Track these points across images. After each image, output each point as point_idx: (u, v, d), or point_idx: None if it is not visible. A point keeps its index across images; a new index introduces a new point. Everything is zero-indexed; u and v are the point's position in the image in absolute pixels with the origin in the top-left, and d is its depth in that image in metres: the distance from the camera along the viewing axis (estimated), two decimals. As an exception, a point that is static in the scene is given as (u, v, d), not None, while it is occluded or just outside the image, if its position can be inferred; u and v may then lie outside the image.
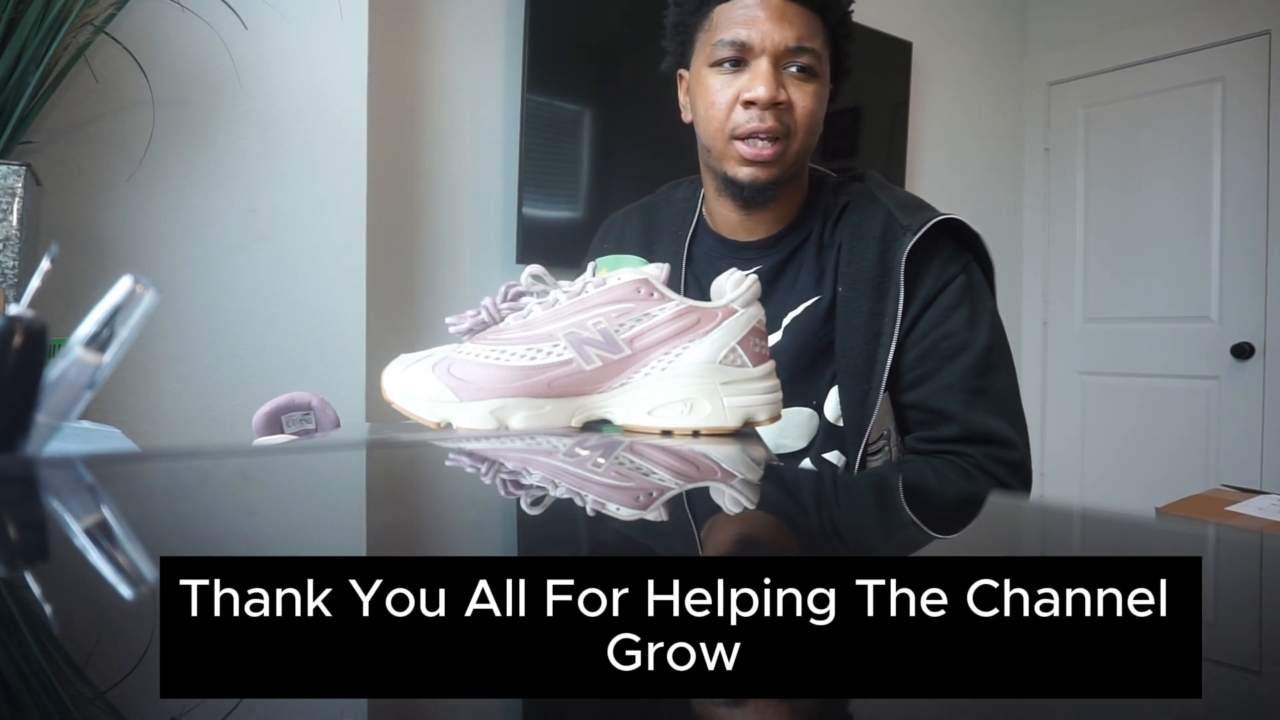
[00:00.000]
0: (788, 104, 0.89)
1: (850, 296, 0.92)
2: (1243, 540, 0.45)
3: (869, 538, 0.39)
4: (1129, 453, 3.03)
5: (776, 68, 0.89)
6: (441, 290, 1.98)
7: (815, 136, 0.94)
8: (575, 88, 2.10)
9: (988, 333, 0.91)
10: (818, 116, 0.92)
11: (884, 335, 0.90)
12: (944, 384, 0.90)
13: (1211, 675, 0.21)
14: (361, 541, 0.33)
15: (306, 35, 1.57)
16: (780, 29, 0.88)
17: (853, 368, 0.91)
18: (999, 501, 0.51)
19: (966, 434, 0.89)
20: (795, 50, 0.89)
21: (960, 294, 0.91)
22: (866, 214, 0.94)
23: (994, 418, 0.89)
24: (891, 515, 0.45)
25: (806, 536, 0.39)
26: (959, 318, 0.90)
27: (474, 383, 0.63)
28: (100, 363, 0.45)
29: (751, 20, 0.88)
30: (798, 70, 0.89)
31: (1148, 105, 3.01)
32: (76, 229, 1.40)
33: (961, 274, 0.92)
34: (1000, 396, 0.91)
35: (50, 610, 0.24)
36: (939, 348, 0.90)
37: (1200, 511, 1.37)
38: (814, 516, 0.44)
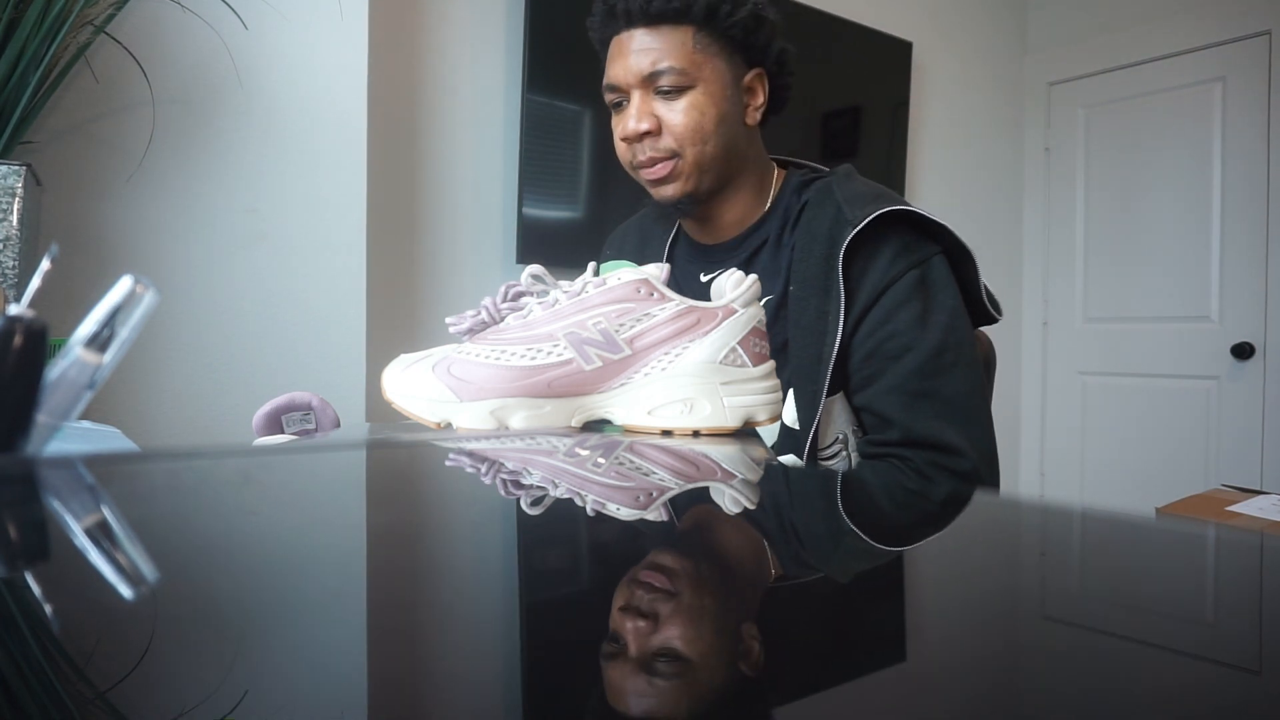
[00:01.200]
0: (657, 129, 0.92)
1: (800, 295, 0.90)
2: (1243, 540, 0.45)
3: (870, 539, 0.39)
4: (1129, 453, 3.03)
5: (647, 96, 0.92)
6: (441, 290, 1.98)
7: (714, 143, 0.92)
8: (575, 88, 2.10)
9: (939, 332, 0.87)
10: (700, 124, 0.91)
11: (829, 334, 0.87)
12: (887, 385, 0.87)
13: (1211, 675, 0.21)
14: (361, 541, 0.33)
15: (306, 35, 1.57)
16: (637, 59, 0.91)
17: (803, 368, 0.89)
18: (999, 502, 0.51)
19: (906, 439, 0.85)
20: (653, 75, 0.91)
21: (910, 290, 0.87)
22: (819, 210, 0.93)
23: (938, 422, 0.85)
24: (890, 517, 0.45)
25: (803, 541, 0.39)
26: (906, 316, 0.87)
27: (474, 383, 0.63)
28: (100, 363, 0.45)
29: (617, 59, 0.93)
30: (665, 90, 0.91)
31: (1148, 105, 3.01)
32: (76, 229, 1.40)
33: (914, 269, 0.88)
34: (950, 400, 0.86)
35: (50, 610, 0.24)
36: (883, 348, 0.87)
37: (1200, 511, 1.37)
38: (812, 517, 0.44)
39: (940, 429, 0.85)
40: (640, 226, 1.13)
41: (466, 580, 0.29)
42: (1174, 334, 2.93)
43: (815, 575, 0.32)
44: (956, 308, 0.90)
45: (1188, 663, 0.22)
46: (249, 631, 0.23)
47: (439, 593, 0.28)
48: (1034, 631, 0.25)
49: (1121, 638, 0.24)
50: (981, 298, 0.93)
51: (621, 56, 0.92)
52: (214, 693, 0.18)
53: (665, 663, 0.20)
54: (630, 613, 0.22)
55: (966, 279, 0.93)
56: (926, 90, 2.96)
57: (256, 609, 0.24)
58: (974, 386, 0.90)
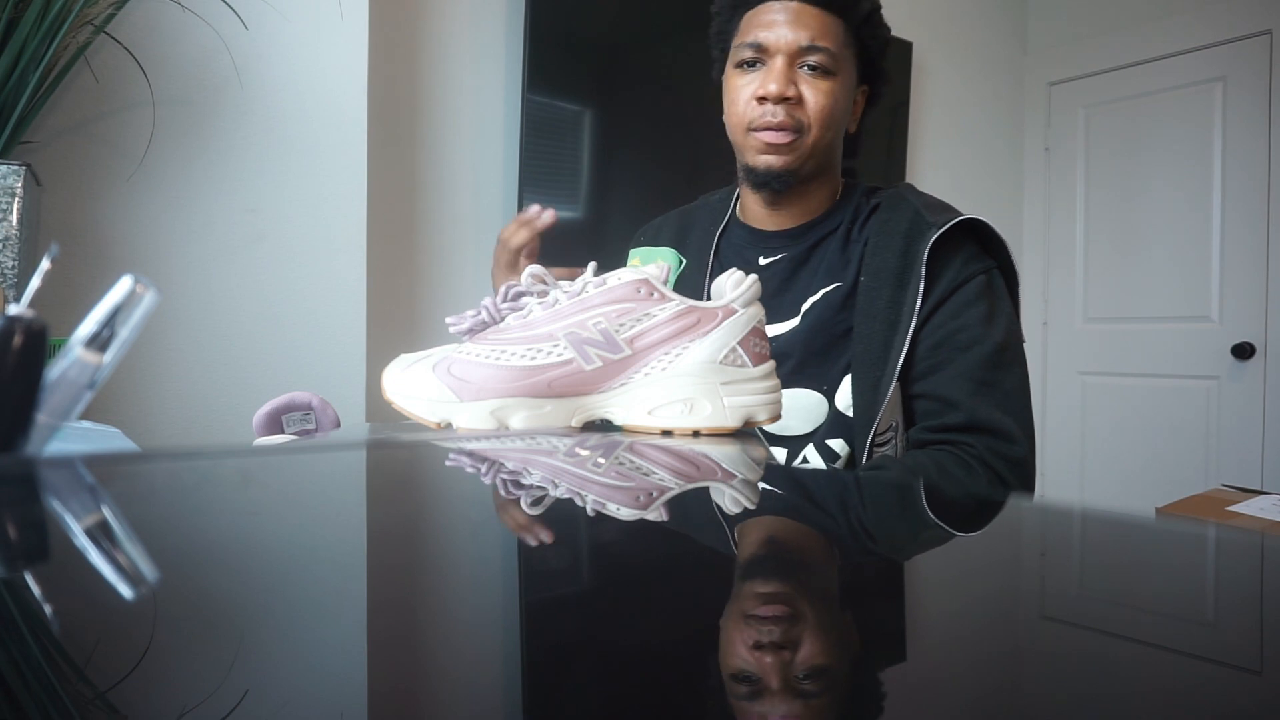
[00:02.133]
0: (798, 99, 0.95)
1: (872, 285, 0.95)
2: (1243, 540, 0.45)
3: (871, 540, 0.39)
4: (1129, 453, 3.03)
5: (791, 66, 0.95)
6: (441, 290, 1.98)
7: (834, 131, 0.98)
8: (575, 88, 2.10)
9: (1002, 332, 0.93)
10: (833, 112, 0.96)
11: (901, 323, 0.92)
12: (954, 373, 0.92)
13: (1211, 675, 0.21)
14: (361, 541, 0.33)
15: (306, 35, 1.57)
16: (794, 30, 0.94)
17: (868, 354, 0.93)
18: (997, 501, 0.51)
19: (971, 423, 0.90)
20: (808, 49, 0.94)
21: (979, 291, 0.94)
22: (895, 212, 0.98)
23: (999, 411, 0.91)
24: (893, 517, 0.45)
25: (810, 539, 0.39)
26: (975, 313, 0.93)
27: (474, 383, 0.63)
28: (100, 363, 0.45)
29: (770, 24, 0.96)
30: (811, 68, 0.95)
31: (1148, 105, 3.01)
32: (76, 229, 1.40)
33: (982, 274, 0.95)
34: (1010, 394, 0.92)
35: (50, 610, 0.24)
36: (953, 339, 0.93)
37: (1200, 511, 1.37)
38: (817, 517, 0.44)
39: (1002, 417, 0.91)
40: (680, 217, 1.16)
41: (466, 581, 0.29)
42: (1174, 334, 2.93)
43: (815, 576, 0.32)
44: (1013, 316, 0.98)
45: (1188, 663, 0.22)
46: (249, 632, 0.23)
47: (439, 593, 0.28)
48: (1034, 632, 0.25)
49: (1121, 638, 0.24)
50: (1019, 318, 1.00)
51: (775, 22, 0.95)
52: (214, 693, 0.18)
53: (809, 682, 0.20)
54: (765, 648, 0.22)
55: (1014, 297, 1.00)
56: (926, 90, 2.96)
57: (256, 609, 0.24)
58: (1027, 386, 0.96)
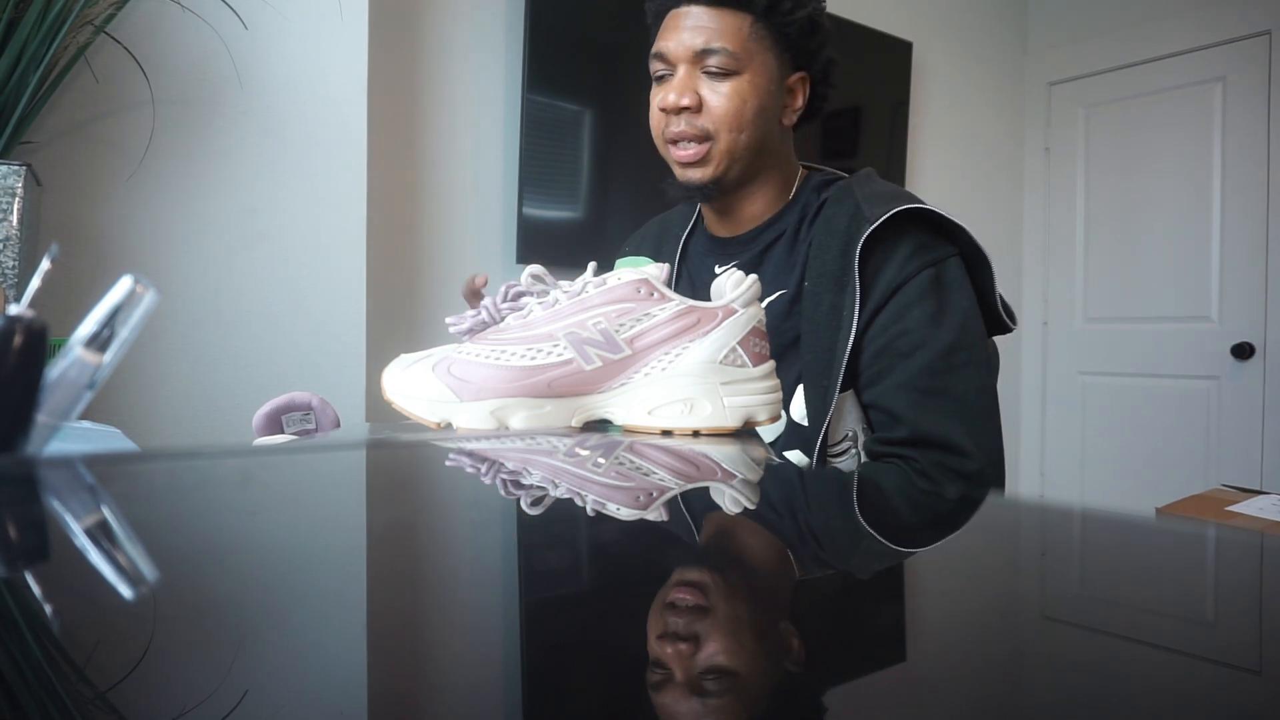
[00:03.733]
0: (697, 106, 0.92)
1: (814, 290, 0.91)
2: (1243, 540, 0.45)
3: (871, 540, 0.39)
4: (1129, 453, 3.03)
5: (693, 72, 0.93)
6: (441, 290, 1.98)
7: (749, 132, 0.93)
8: (575, 88, 2.10)
9: (951, 332, 0.87)
10: (741, 112, 0.92)
11: (842, 330, 0.88)
12: (896, 382, 0.87)
13: (1211, 675, 0.21)
14: (361, 541, 0.33)
15: (306, 35, 1.57)
16: (691, 34, 0.92)
17: (815, 363, 0.89)
18: (999, 503, 0.51)
19: (914, 437, 0.85)
20: (704, 52, 0.92)
21: (924, 289, 0.88)
22: (838, 208, 0.93)
23: (947, 421, 0.85)
24: (893, 517, 0.45)
25: (805, 542, 0.39)
26: (918, 314, 0.87)
27: (474, 383, 0.63)
28: (100, 363, 0.45)
29: (670, 32, 0.94)
30: (712, 71, 0.92)
31: (1148, 105, 3.01)
32: (76, 229, 1.40)
33: (929, 268, 0.89)
34: (961, 400, 0.87)
35: (50, 610, 0.24)
36: (894, 345, 0.88)
37: (1200, 511, 1.37)
38: (815, 518, 0.44)
39: (948, 428, 0.85)
40: (660, 223, 1.15)
41: (466, 581, 0.29)
42: (1174, 334, 2.93)
43: (816, 578, 0.32)
44: (970, 309, 0.90)
45: (1188, 663, 0.22)
46: (249, 632, 0.23)
47: (439, 593, 0.28)
48: (1034, 632, 0.25)
49: (1122, 638, 0.24)
50: (996, 305, 0.94)
51: (676, 29, 0.93)
52: (214, 693, 0.18)
53: (713, 680, 0.20)
54: (669, 638, 0.22)
55: (982, 285, 0.93)
56: (926, 90, 2.96)
57: (256, 609, 0.24)
58: (984, 387, 0.90)
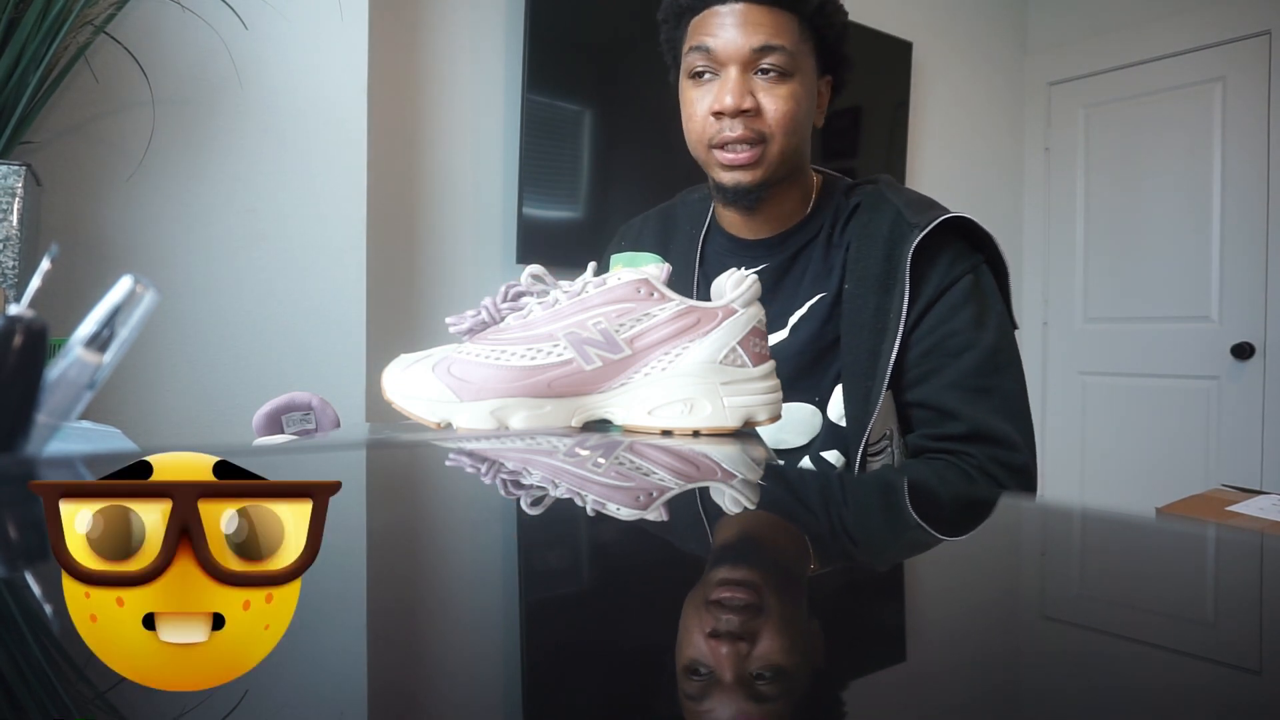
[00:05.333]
0: (756, 110, 0.90)
1: (857, 293, 0.92)
2: (1243, 540, 0.45)
3: (873, 541, 0.39)
4: (1129, 453, 3.03)
5: (746, 74, 0.90)
6: (441, 290, 1.98)
7: (799, 136, 0.93)
8: (575, 88, 2.10)
9: (994, 334, 0.91)
10: (796, 116, 0.91)
11: (889, 331, 0.90)
12: (948, 381, 0.89)
13: (1211, 675, 0.21)
14: (361, 542, 0.33)
15: (306, 35, 1.57)
16: (744, 33, 0.89)
17: (857, 364, 0.91)
18: (999, 503, 0.51)
19: (972, 432, 0.88)
20: (761, 51, 0.89)
21: (967, 293, 0.91)
22: (876, 213, 0.94)
23: (999, 417, 0.88)
24: (893, 518, 0.45)
25: (809, 541, 0.39)
26: (965, 316, 0.90)
27: (474, 383, 0.63)
28: (100, 363, 0.45)
29: (718, 28, 0.90)
30: (767, 73, 0.90)
31: (1148, 105, 3.01)
32: (76, 229, 1.40)
33: (969, 274, 0.92)
34: (1007, 398, 0.90)
35: (50, 610, 0.24)
36: (944, 345, 0.90)
37: (1200, 511, 1.37)
38: (818, 519, 0.44)
39: (1001, 424, 0.88)
40: (660, 219, 1.11)
41: (466, 581, 0.29)
42: (1174, 334, 2.93)
43: (816, 577, 0.32)
44: (1003, 313, 0.94)
45: (1188, 663, 0.22)
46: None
47: (438, 593, 0.28)
48: (1034, 631, 0.25)
49: (1122, 638, 0.24)
50: (1010, 310, 0.97)
51: (724, 26, 0.89)
52: (214, 693, 0.18)
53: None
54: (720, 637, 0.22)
55: (1003, 291, 0.96)
56: (926, 90, 2.96)
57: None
58: (1023, 387, 0.93)
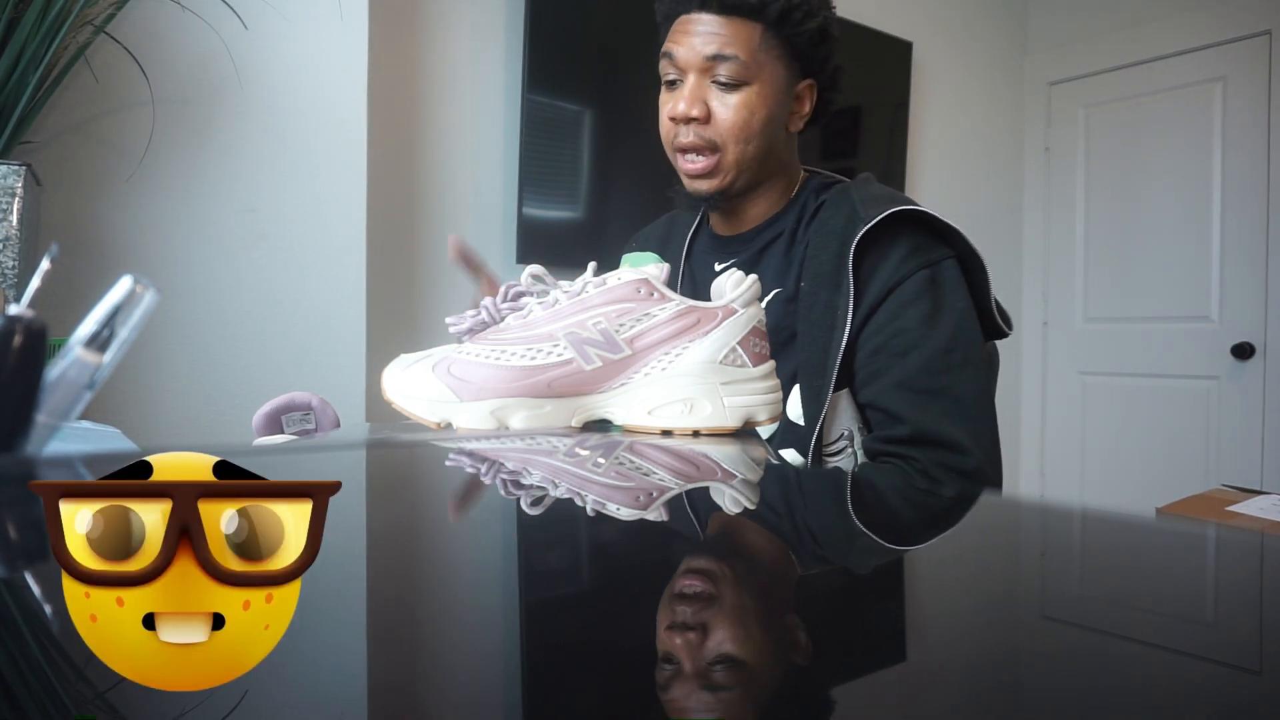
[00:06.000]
0: (705, 117, 0.91)
1: (810, 290, 0.91)
2: (1243, 540, 0.45)
3: (871, 540, 0.39)
4: (1129, 453, 3.03)
5: (703, 81, 0.92)
6: (441, 290, 1.98)
7: (756, 143, 0.93)
8: (575, 88, 2.10)
9: (948, 332, 0.88)
10: (749, 124, 0.92)
11: (837, 330, 0.88)
12: (894, 381, 0.87)
13: (1212, 675, 0.21)
14: (361, 542, 0.33)
15: (306, 35, 1.57)
16: (701, 41, 0.90)
17: (811, 363, 0.90)
18: (999, 502, 0.51)
19: (916, 435, 0.85)
20: (714, 59, 0.90)
21: (919, 289, 0.88)
22: (835, 210, 0.94)
23: (947, 421, 0.85)
24: (892, 517, 0.45)
25: (802, 541, 0.39)
26: (914, 314, 0.88)
27: (474, 383, 0.63)
28: (100, 363, 0.45)
29: (682, 36, 0.92)
30: (720, 81, 0.91)
31: (1148, 105, 3.01)
32: (76, 229, 1.40)
33: (924, 269, 0.89)
34: (959, 399, 0.87)
35: (50, 610, 0.24)
36: (890, 344, 0.88)
37: (1200, 511, 1.37)
38: (792, 519, 0.44)
39: (948, 427, 0.85)
40: (667, 221, 1.15)
41: (466, 580, 0.29)
42: (1174, 334, 2.93)
43: (817, 576, 0.32)
44: (966, 310, 0.91)
45: (1188, 663, 0.22)
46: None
47: (438, 593, 0.28)
48: (1035, 631, 0.25)
49: (1122, 637, 0.24)
50: (991, 308, 0.94)
51: (687, 34, 0.92)
52: (214, 693, 0.18)
53: (711, 677, 0.20)
54: (669, 634, 0.22)
55: (977, 289, 0.93)
56: (926, 90, 2.96)
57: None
58: (981, 387, 0.90)
